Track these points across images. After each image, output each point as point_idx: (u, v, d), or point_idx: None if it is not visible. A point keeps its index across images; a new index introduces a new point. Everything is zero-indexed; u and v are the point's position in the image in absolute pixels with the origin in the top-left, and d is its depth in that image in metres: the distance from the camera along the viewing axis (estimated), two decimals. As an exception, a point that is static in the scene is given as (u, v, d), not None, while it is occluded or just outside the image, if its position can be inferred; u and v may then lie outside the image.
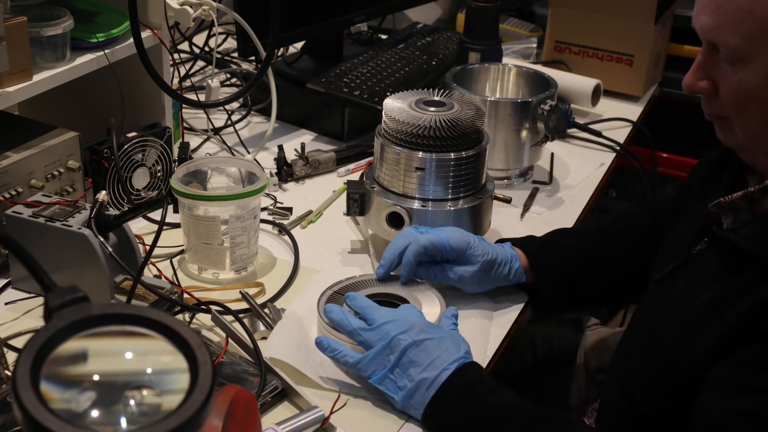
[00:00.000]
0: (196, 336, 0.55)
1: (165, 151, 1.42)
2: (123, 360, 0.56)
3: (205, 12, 1.45)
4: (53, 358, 0.53)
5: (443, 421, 1.00)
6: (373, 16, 1.92)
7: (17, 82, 1.20)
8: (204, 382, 0.52)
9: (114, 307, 0.56)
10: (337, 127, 1.70)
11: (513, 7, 2.28)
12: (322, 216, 1.46)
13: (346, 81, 1.69)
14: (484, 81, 1.68)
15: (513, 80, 1.67)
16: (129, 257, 1.18)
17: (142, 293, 1.18)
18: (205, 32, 1.99)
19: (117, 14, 1.35)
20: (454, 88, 1.53)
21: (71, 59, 1.28)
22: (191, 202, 1.24)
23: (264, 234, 1.37)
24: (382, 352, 1.02)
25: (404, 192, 1.28)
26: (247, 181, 1.30)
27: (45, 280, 0.60)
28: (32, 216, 1.17)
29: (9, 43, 1.15)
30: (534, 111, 1.52)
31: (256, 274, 1.30)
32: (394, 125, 1.27)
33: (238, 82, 1.89)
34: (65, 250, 1.14)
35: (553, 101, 1.52)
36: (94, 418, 0.53)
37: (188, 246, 1.27)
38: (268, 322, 1.16)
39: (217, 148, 1.65)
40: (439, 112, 1.28)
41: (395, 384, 1.02)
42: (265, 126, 1.73)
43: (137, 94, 1.44)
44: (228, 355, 1.09)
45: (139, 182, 1.40)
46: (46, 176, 1.28)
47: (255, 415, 0.84)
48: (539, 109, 1.51)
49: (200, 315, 1.18)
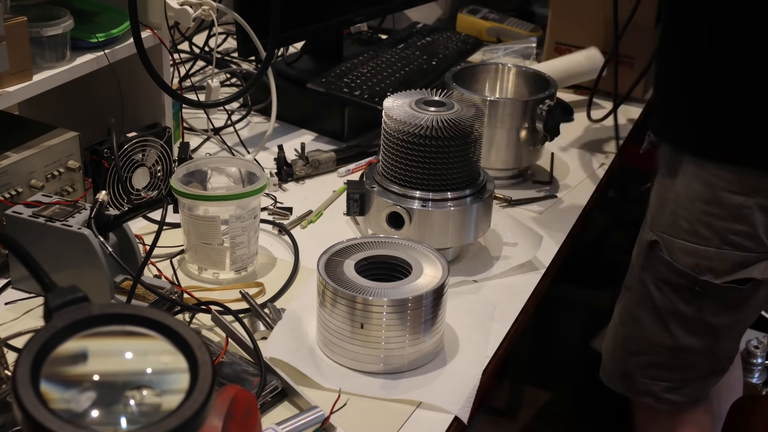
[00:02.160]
0: (196, 336, 0.55)
1: (165, 151, 1.42)
2: (123, 360, 0.56)
3: (205, 12, 1.45)
4: (53, 358, 0.53)
5: None
6: (373, 16, 1.92)
7: (17, 82, 1.20)
8: (204, 382, 0.52)
9: (114, 307, 0.56)
10: (337, 127, 1.70)
11: (513, 7, 2.28)
12: (322, 216, 1.46)
13: (346, 81, 1.69)
14: (483, 81, 1.68)
15: (512, 80, 1.68)
16: (129, 257, 1.18)
17: (142, 293, 1.18)
18: (205, 32, 1.99)
19: (117, 14, 1.35)
20: (453, 87, 1.53)
21: (71, 59, 1.28)
22: (191, 202, 1.24)
23: (264, 234, 1.37)
24: None
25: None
26: (247, 181, 1.31)
27: (45, 280, 0.60)
28: (32, 216, 1.17)
29: (9, 43, 1.15)
30: (533, 110, 1.52)
31: (256, 274, 1.30)
32: (394, 125, 1.27)
33: (238, 82, 1.89)
34: (65, 250, 1.14)
35: (552, 101, 1.53)
36: (94, 418, 0.53)
37: (188, 246, 1.27)
38: (268, 322, 1.16)
39: (217, 148, 1.65)
40: (439, 112, 1.28)
41: None
42: (265, 126, 1.73)
43: (137, 94, 1.44)
44: (228, 355, 1.09)
45: (139, 182, 1.40)
46: (46, 176, 1.28)
47: (255, 415, 0.84)
48: (538, 108, 1.52)
49: (200, 315, 1.18)
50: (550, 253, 1.39)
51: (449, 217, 1.28)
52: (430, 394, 1.07)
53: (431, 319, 1.09)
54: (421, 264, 1.14)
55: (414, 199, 1.28)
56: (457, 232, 1.30)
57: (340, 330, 1.09)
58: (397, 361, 1.10)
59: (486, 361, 1.14)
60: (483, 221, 1.33)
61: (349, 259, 1.13)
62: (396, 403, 1.06)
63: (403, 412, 1.05)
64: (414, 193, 1.28)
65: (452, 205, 1.28)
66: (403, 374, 1.10)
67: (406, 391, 1.07)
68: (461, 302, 1.23)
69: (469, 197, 1.30)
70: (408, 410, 1.05)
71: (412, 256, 1.16)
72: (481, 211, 1.31)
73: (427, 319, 1.09)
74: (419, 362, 1.11)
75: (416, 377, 1.10)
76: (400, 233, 1.28)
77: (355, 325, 1.07)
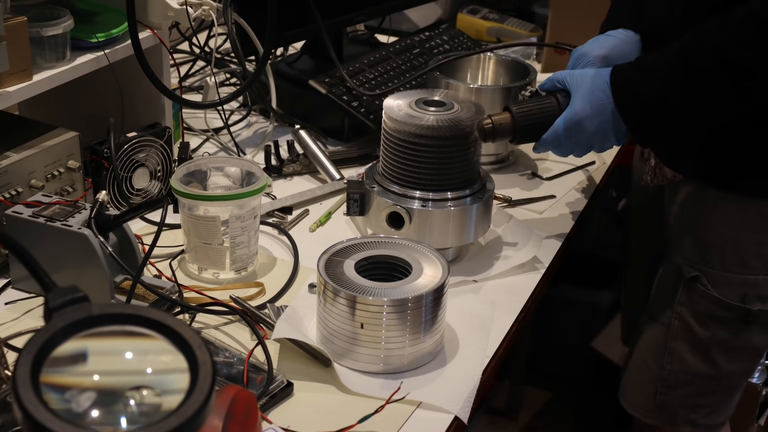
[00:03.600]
0: (196, 336, 0.55)
1: (165, 151, 1.42)
2: (123, 360, 0.56)
3: (205, 12, 1.45)
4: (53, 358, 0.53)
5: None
6: (373, 16, 1.91)
7: (17, 82, 1.20)
8: (204, 382, 0.52)
9: (114, 307, 0.56)
10: (337, 127, 1.70)
11: (513, 7, 2.29)
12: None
13: (355, 82, 1.69)
14: (465, 70, 1.73)
15: (493, 68, 1.73)
16: (129, 257, 1.18)
17: (142, 293, 1.18)
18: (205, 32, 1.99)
19: (117, 14, 1.35)
20: (437, 77, 1.58)
21: (71, 59, 1.28)
22: (191, 202, 1.24)
23: (264, 234, 1.37)
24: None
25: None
26: (247, 181, 1.31)
27: (45, 280, 0.60)
28: (32, 216, 1.17)
29: (9, 43, 1.15)
30: (515, 97, 1.56)
31: (256, 274, 1.30)
32: (394, 125, 1.27)
33: (238, 82, 1.89)
34: (65, 250, 1.14)
35: (533, 87, 1.55)
36: (94, 418, 0.53)
37: (188, 246, 1.27)
38: (268, 322, 1.15)
39: (217, 148, 1.65)
40: (439, 112, 1.28)
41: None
42: (264, 126, 1.73)
43: (137, 94, 1.44)
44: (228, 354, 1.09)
45: (139, 182, 1.40)
46: (46, 176, 1.28)
47: (255, 415, 0.84)
48: (520, 95, 1.54)
49: (200, 315, 1.18)
50: (550, 253, 1.39)
51: (449, 217, 1.28)
52: (430, 394, 1.07)
53: (431, 319, 1.10)
54: (421, 264, 1.14)
55: (414, 199, 1.28)
56: (457, 232, 1.30)
57: (340, 330, 1.09)
58: (397, 361, 1.10)
59: (486, 361, 1.14)
60: (483, 221, 1.33)
61: (349, 259, 1.13)
62: (396, 403, 1.06)
63: (403, 412, 1.05)
64: (414, 193, 1.28)
65: (452, 205, 1.28)
66: (403, 374, 1.10)
67: (406, 391, 1.07)
68: (461, 302, 1.23)
69: (469, 197, 1.30)
70: (408, 410, 1.05)
71: (412, 256, 1.16)
72: (481, 211, 1.31)
73: (427, 319, 1.09)
74: (419, 362, 1.11)
75: (416, 377, 1.10)
76: (400, 233, 1.28)
77: (355, 325, 1.07)
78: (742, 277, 1.31)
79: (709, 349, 1.37)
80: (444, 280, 1.10)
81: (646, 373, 1.45)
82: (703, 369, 1.39)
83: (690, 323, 1.36)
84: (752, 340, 1.36)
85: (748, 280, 1.31)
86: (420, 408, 1.06)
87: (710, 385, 1.41)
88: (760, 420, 2.08)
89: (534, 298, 1.30)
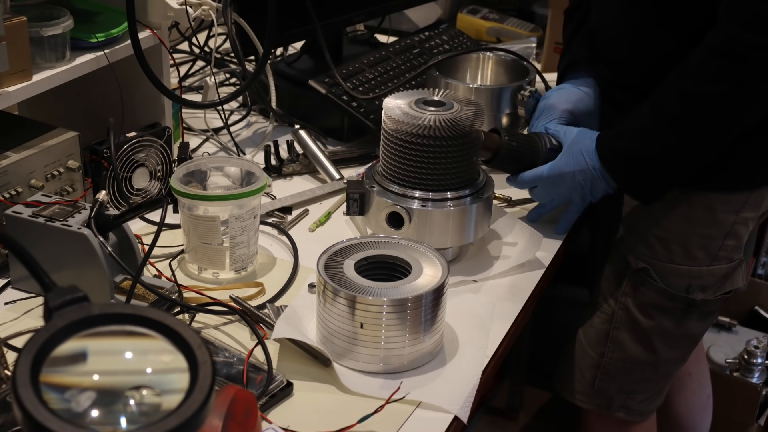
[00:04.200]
0: (196, 336, 0.55)
1: (165, 151, 1.42)
2: (123, 360, 0.56)
3: (204, 12, 1.45)
4: (53, 358, 0.53)
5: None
6: (372, 16, 1.91)
7: (17, 82, 1.20)
8: (204, 381, 0.52)
9: (114, 306, 0.56)
10: (337, 127, 1.70)
11: (513, 7, 2.28)
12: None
13: (349, 86, 1.69)
14: (464, 70, 1.73)
15: (492, 68, 1.73)
16: (129, 257, 1.18)
17: (142, 293, 1.18)
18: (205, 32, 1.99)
19: (117, 14, 1.35)
20: (437, 77, 1.58)
21: (71, 59, 1.28)
22: (191, 202, 1.24)
23: (263, 234, 1.37)
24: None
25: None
26: (247, 181, 1.31)
27: (45, 280, 0.60)
28: (32, 216, 1.17)
29: (9, 43, 1.15)
30: (514, 97, 1.56)
31: (256, 274, 1.30)
32: (393, 125, 1.27)
33: (238, 82, 1.89)
34: (65, 250, 1.14)
35: (532, 87, 1.56)
36: (94, 418, 0.53)
37: (188, 246, 1.27)
38: (268, 322, 1.15)
39: (217, 148, 1.65)
40: (439, 112, 1.28)
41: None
42: (264, 126, 1.73)
43: (137, 94, 1.44)
44: (228, 354, 1.09)
45: (138, 182, 1.40)
46: (46, 176, 1.28)
47: (255, 415, 0.84)
48: (519, 95, 1.54)
49: (200, 315, 1.18)
50: (550, 253, 1.39)
51: (449, 217, 1.28)
52: (430, 394, 1.07)
53: (431, 318, 1.10)
54: (420, 264, 1.14)
55: (414, 199, 1.28)
56: (457, 231, 1.30)
57: (340, 330, 1.09)
58: (396, 360, 1.10)
59: (486, 361, 1.14)
60: (483, 221, 1.33)
61: (349, 258, 1.13)
62: (396, 403, 1.06)
63: (402, 412, 1.05)
64: (414, 193, 1.28)
65: (452, 205, 1.28)
66: (403, 374, 1.10)
67: (405, 391, 1.07)
68: (461, 302, 1.23)
69: (468, 197, 1.30)
70: (408, 410, 1.05)
71: (412, 255, 1.16)
72: (480, 211, 1.31)
73: (426, 319, 1.09)
74: (419, 362, 1.11)
75: (416, 377, 1.10)
76: (400, 233, 1.28)
77: (355, 325, 1.07)
78: (688, 268, 1.36)
79: (650, 338, 1.42)
80: (444, 280, 1.10)
81: (585, 361, 1.49)
82: (643, 357, 1.43)
83: (633, 313, 1.41)
84: (690, 328, 1.42)
85: (693, 271, 1.36)
86: (420, 408, 1.06)
87: (648, 372, 1.45)
88: (760, 420, 2.09)
89: (534, 298, 1.30)
